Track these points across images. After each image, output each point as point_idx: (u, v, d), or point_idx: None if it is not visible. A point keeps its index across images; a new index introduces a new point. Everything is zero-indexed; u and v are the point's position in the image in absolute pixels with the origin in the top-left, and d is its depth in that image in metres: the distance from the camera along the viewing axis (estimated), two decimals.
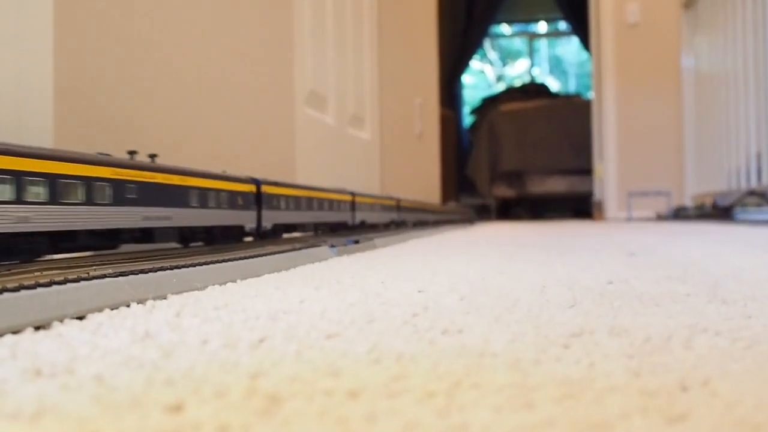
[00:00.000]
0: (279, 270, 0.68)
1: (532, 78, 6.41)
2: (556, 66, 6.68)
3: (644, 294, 0.48)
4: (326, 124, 1.91)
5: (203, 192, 0.70)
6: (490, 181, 5.16)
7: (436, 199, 3.59)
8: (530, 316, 0.38)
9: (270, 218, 0.88)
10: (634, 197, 3.79)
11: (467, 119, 6.14)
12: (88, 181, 0.51)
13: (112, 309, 0.40)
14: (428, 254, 0.97)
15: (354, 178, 2.17)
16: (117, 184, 0.54)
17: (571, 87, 6.48)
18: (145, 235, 0.62)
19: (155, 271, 0.49)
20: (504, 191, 5.06)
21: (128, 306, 0.42)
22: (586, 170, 4.31)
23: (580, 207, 4.66)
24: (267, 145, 1.44)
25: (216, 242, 0.76)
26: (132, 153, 0.60)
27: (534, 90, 5.52)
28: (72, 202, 0.49)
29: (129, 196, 0.56)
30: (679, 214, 3.41)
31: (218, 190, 0.74)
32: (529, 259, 0.85)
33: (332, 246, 0.92)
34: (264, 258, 0.68)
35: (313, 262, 0.79)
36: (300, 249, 0.81)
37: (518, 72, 6.68)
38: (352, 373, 0.25)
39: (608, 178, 3.88)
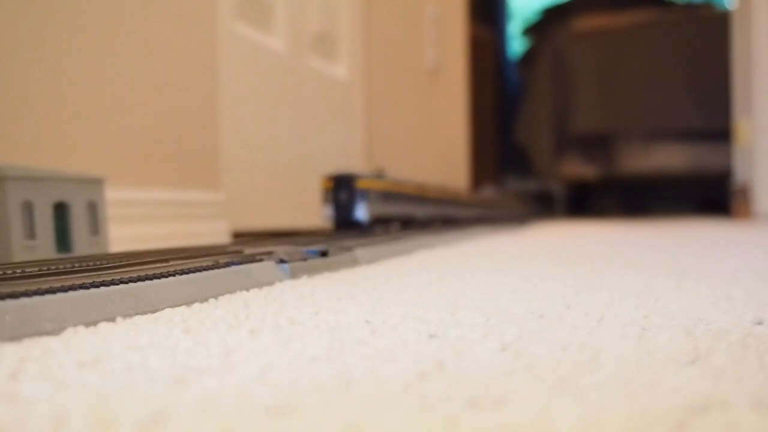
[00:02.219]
0: (189, 302, 0.69)
1: None
2: None
3: None
4: (272, 50, 1.91)
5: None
6: (556, 152, 5.18)
7: (462, 182, 3.61)
8: (620, 379, 0.39)
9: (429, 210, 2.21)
10: None
11: (517, 45, 6.14)
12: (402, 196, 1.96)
13: None
14: (446, 274, 0.97)
15: (319, 142, 2.17)
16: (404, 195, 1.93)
17: None
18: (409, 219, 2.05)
19: None
20: (579, 168, 5.08)
21: None
22: (720, 132, 4.33)
23: (711, 196, 4.68)
24: (168, 87, 1.44)
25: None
26: (379, 173, 1.86)
27: None
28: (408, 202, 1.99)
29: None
30: None
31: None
32: (618, 282, 0.86)
33: (281, 261, 0.93)
34: (163, 282, 0.68)
35: (248, 289, 0.80)
36: (226, 266, 0.81)
37: None
38: None
39: (762, 145, 3.89)
